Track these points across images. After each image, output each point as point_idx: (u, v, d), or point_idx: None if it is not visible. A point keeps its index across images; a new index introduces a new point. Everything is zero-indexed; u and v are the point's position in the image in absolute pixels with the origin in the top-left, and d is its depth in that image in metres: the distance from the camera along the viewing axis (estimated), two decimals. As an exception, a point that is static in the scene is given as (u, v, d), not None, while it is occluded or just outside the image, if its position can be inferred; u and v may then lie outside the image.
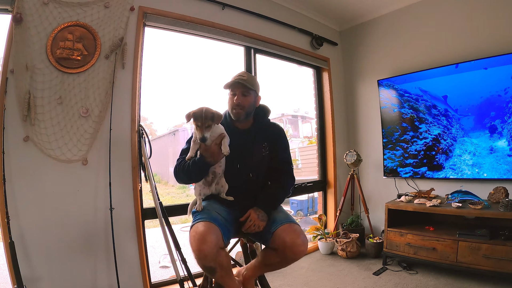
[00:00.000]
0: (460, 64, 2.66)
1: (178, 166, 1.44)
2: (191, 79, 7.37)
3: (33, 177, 1.75)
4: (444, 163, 2.80)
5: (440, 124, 2.84)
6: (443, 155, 2.82)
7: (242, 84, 1.47)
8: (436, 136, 2.86)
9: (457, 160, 2.73)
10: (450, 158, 2.75)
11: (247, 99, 1.50)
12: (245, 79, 1.48)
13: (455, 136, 2.77)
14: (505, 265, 2.02)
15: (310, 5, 3.22)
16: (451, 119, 2.78)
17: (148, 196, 2.19)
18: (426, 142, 2.92)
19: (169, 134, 8.18)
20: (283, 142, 1.60)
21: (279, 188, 1.52)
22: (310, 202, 5.50)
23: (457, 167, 2.73)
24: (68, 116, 1.85)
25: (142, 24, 2.17)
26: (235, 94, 1.49)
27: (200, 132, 1.32)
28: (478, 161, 2.62)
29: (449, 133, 2.80)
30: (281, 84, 5.56)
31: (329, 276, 2.48)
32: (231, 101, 1.51)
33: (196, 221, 1.30)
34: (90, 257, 1.88)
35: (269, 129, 1.60)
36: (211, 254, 1.19)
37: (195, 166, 1.38)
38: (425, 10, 3.02)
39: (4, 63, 1.69)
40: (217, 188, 1.50)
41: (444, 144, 2.83)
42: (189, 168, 1.38)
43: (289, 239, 1.28)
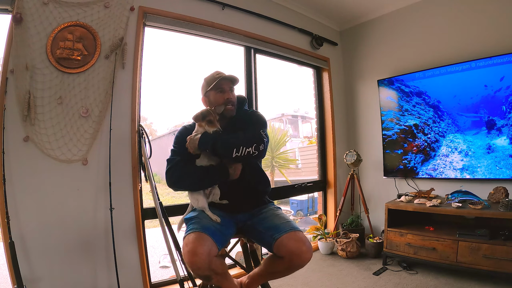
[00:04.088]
0: (460, 64, 2.66)
1: (182, 169, 1.40)
2: (191, 79, 7.36)
3: (33, 177, 1.75)
4: (419, 167, 2.68)
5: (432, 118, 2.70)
6: (420, 155, 2.67)
7: (229, 79, 1.47)
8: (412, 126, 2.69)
9: (441, 162, 2.57)
10: (432, 159, 2.61)
11: (234, 94, 1.52)
12: (228, 75, 1.48)
13: (443, 131, 2.62)
14: (505, 265, 2.02)
15: (310, 5, 3.22)
16: (446, 114, 2.70)
17: (148, 196, 2.19)
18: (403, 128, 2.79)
19: (169, 134, 8.17)
20: (252, 121, 1.48)
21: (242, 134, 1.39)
22: (310, 202, 5.50)
23: (438, 172, 2.57)
24: (68, 116, 1.85)
25: (142, 24, 2.17)
26: (223, 90, 1.47)
27: (215, 126, 1.39)
28: (471, 164, 2.50)
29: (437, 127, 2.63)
30: (281, 84, 5.57)
31: (329, 276, 2.48)
32: (221, 99, 1.47)
33: (188, 232, 1.30)
34: (90, 257, 1.88)
35: (244, 117, 1.54)
36: (203, 265, 1.20)
37: (214, 177, 1.40)
38: (425, 10, 3.02)
39: (4, 63, 1.69)
40: (213, 198, 1.48)
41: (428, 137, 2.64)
42: (206, 175, 1.39)
43: (295, 248, 1.27)
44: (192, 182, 1.41)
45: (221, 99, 1.48)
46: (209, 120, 1.39)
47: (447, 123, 2.70)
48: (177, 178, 1.41)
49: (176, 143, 1.51)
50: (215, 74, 1.49)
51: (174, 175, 1.41)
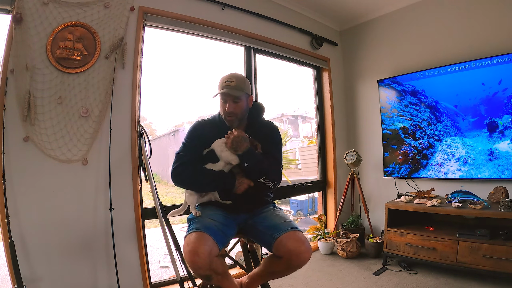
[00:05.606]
0: (460, 63, 2.66)
1: (194, 170, 1.41)
2: (191, 79, 7.37)
3: (33, 177, 1.75)
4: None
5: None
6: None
7: (230, 94, 1.44)
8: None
9: (433, 173, 2.25)
10: (423, 169, 2.32)
11: (239, 105, 1.47)
12: (234, 85, 1.44)
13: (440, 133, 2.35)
14: (505, 265, 2.02)
15: (310, 5, 3.22)
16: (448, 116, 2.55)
17: (148, 196, 2.19)
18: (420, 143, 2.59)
19: (169, 134, 8.17)
20: (274, 140, 1.56)
21: (270, 164, 1.47)
22: (310, 202, 5.50)
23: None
24: (68, 116, 1.85)
25: (142, 24, 2.16)
26: (226, 101, 1.46)
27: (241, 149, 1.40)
28: (470, 174, 2.34)
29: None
30: (281, 84, 5.56)
31: (329, 276, 2.48)
32: (223, 108, 1.48)
33: (189, 231, 1.30)
34: (90, 257, 1.88)
35: (263, 129, 1.57)
36: (204, 265, 1.20)
37: (220, 184, 1.42)
38: (425, 10, 3.02)
39: (4, 63, 1.69)
40: (211, 197, 1.48)
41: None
42: (213, 180, 1.41)
43: (294, 247, 1.28)
44: (199, 186, 1.43)
45: (222, 109, 1.49)
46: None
47: (445, 125, 2.53)
48: (185, 180, 1.42)
49: (189, 137, 1.50)
50: (223, 81, 1.47)
51: (183, 174, 1.41)
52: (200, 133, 1.50)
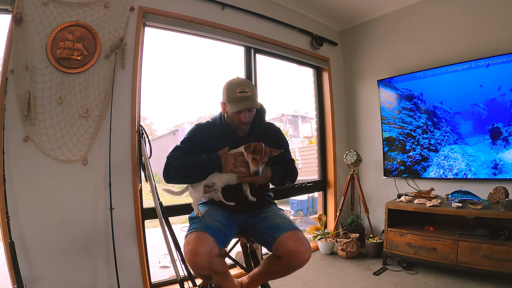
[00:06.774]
0: (460, 63, 2.66)
1: (175, 160, 1.36)
2: (191, 79, 7.37)
3: (33, 177, 1.74)
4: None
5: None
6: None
7: (250, 106, 1.39)
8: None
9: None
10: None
11: (252, 113, 1.45)
12: (250, 96, 1.38)
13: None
14: (505, 265, 2.02)
15: (310, 5, 3.22)
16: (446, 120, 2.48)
17: (148, 196, 2.19)
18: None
19: (169, 134, 8.17)
20: (284, 143, 1.59)
21: (288, 170, 1.53)
22: (310, 202, 5.50)
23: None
24: (68, 116, 1.85)
25: (142, 24, 2.16)
26: (242, 111, 1.39)
27: (256, 166, 1.34)
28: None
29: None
30: (281, 84, 5.56)
31: (329, 276, 2.48)
32: (236, 118, 1.42)
33: (190, 231, 1.29)
34: (90, 257, 1.88)
35: (268, 132, 1.56)
36: (204, 264, 1.20)
37: (207, 167, 1.35)
38: (425, 10, 3.02)
39: (4, 63, 1.69)
40: (214, 196, 1.47)
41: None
42: (198, 164, 1.34)
43: (294, 247, 1.27)
44: (185, 175, 1.37)
45: (236, 119, 1.43)
46: (255, 158, 1.34)
47: (443, 132, 2.30)
48: (171, 171, 1.37)
49: (185, 142, 1.47)
50: (237, 91, 1.37)
51: (170, 165, 1.37)
52: (200, 138, 1.47)
